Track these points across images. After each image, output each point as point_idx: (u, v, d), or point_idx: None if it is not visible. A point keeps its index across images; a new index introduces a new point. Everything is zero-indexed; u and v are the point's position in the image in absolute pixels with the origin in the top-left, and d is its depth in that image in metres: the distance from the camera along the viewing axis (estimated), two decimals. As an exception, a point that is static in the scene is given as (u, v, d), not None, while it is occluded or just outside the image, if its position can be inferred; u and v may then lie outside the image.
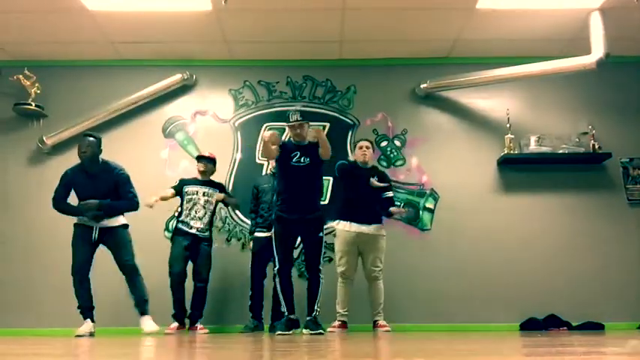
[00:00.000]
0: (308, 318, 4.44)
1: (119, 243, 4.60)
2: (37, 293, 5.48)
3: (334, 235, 4.96)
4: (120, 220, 4.65)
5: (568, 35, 5.60)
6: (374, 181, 4.87)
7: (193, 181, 5.22)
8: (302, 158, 4.51)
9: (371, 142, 5.11)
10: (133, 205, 4.65)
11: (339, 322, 4.85)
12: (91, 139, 4.58)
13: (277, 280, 4.52)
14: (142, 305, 4.56)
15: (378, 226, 4.89)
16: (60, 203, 4.64)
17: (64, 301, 5.27)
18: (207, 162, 5.23)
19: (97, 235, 4.57)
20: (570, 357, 1.87)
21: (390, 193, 5.02)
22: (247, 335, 4.59)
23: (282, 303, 4.46)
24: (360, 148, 5.01)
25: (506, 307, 5.44)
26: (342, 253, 4.87)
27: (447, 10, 5.22)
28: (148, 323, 4.50)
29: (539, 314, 5.36)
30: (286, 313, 4.45)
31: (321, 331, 4.35)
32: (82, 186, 4.58)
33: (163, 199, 5.06)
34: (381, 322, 4.79)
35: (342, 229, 4.88)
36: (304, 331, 4.43)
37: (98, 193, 4.52)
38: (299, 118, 4.54)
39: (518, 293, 5.46)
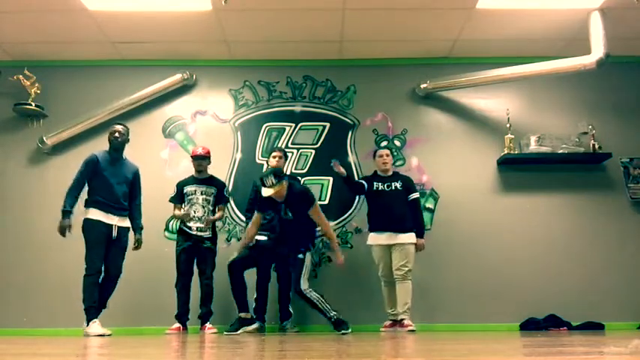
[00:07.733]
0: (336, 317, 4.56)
1: (123, 245, 4.65)
2: (37, 293, 5.48)
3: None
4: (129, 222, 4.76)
5: (568, 35, 5.61)
6: (336, 163, 4.98)
7: (191, 181, 5.18)
8: (285, 211, 4.54)
9: (390, 150, 5.32)
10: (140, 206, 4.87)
11: (390, 322, 5.03)
12: (125, 127, 4.76)
13: (231, 274, 4.58)
14: (102, 308, 4.56)
15: (409, 235, 5.00)
16: (77, 190, 4.54)
17: (64, 301, 5.29)
18: (203, 160, 5.16)
19: (115, 233, 4.57)
20: (570, 357, 1.87)
21: (414, 195, 5.13)
22: (252, 335, 4.59)
23: (234, 301, 4.58)
24: (381, 156, 5.18)
25: (506, 307, 5.43)
26: (377, 259, 5.05)
27: (447, 10, 5.22)
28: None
29: (539, 314, 5.36)
30: (238, 312, 4.58)
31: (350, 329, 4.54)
32: (108, 170, 4.62)
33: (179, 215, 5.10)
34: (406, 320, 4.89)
35: (373, 243, 5.06)
36: (341, 330, 4.52)
37: (121, 178, 4.67)
38: (274, 181, 4.36)
39: (518, 293, 5.46)
